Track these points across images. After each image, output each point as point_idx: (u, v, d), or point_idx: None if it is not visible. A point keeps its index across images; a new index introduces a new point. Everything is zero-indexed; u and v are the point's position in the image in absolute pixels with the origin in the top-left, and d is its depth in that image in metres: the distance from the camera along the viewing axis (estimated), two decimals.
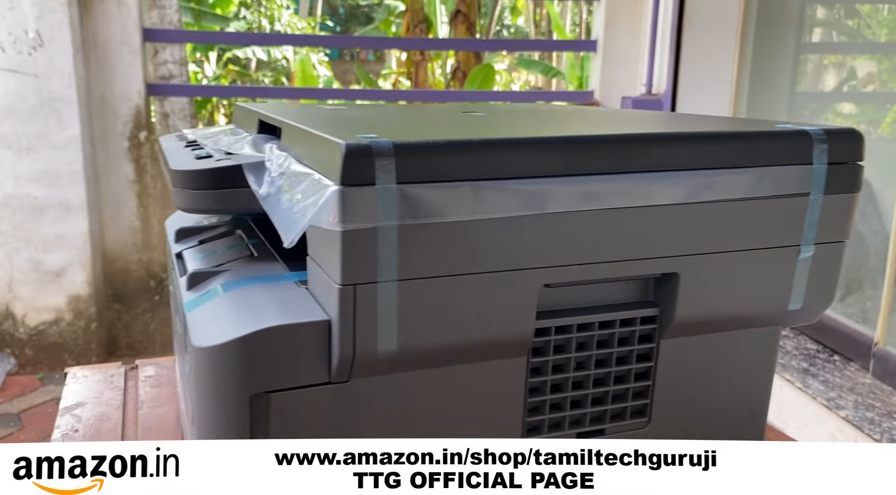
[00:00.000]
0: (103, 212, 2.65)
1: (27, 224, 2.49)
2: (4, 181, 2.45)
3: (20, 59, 2.38)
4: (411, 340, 0.40)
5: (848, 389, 1.86)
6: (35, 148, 2.44)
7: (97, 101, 2.58)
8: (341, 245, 0.37)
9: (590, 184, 0.41)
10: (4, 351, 2.61)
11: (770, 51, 2.57)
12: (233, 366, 0.38)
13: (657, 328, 0.47)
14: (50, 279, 2.57)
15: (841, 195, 0.47)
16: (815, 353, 2.09)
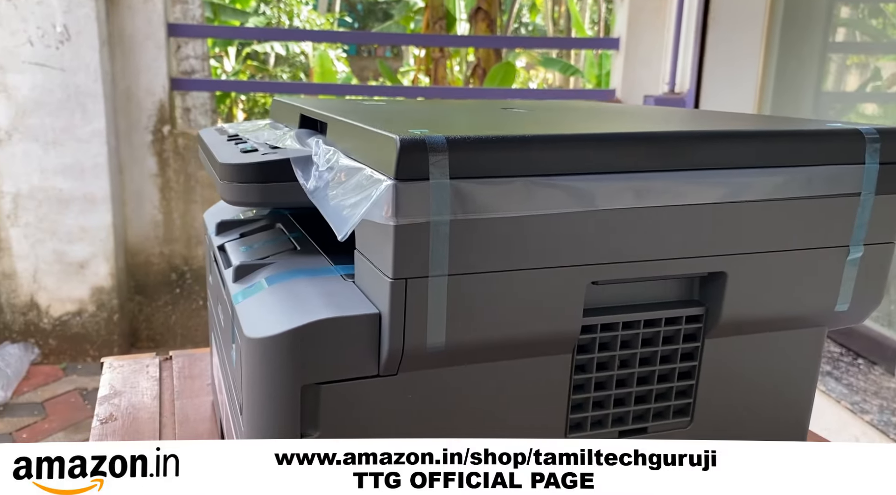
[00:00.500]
0: (126, 206, 2.68)
1: (52, 216, 2.52)
2: (31, 173, 2.48)
3: (48, 53, 2.40)
4: (460, 335, 0.40)
5: (873, 393, 1.84)
6: (61, 141, 2.47)
7: (122, 95, 2.61)
8: (394, 239, 0.37)
9: (639, 181, 0.41)
10: (29, 341, 2.64)
11: (796, 50, 2.55)
12: (285, 357, 0.39)
13: (702, 327, 0.47)
14: (74, 270, 2.60)
15: (892, 195, 0.47)
16: (839, 357, 2.07)
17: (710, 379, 0.48)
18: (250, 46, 8.81)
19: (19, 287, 2.59)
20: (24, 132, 2.45)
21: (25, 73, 2.40)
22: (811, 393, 0.52)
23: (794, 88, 2.58)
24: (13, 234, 2.53)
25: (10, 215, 2.52)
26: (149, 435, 0.63)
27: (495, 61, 4.18)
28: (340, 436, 0.41)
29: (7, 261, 2.56)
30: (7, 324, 2.62)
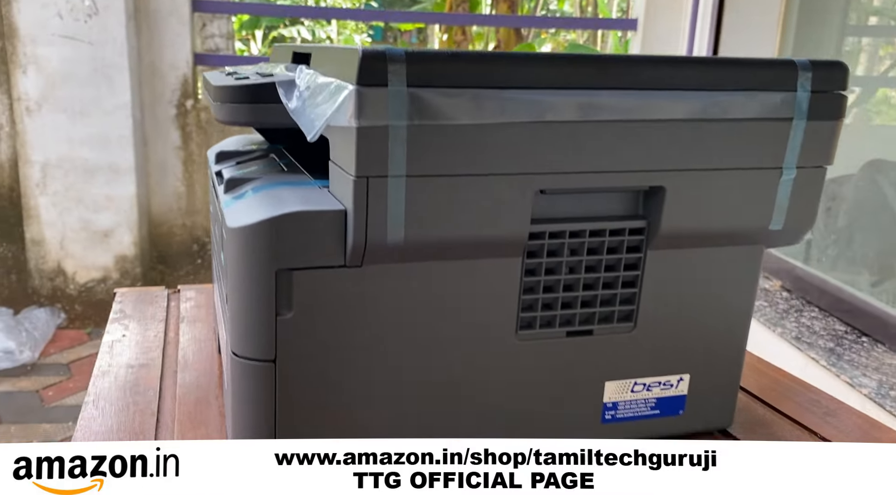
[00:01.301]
0: (150, 177, 2.76)
1: (79, 185, 2.61)
2: (59, 143, 2.57)
3: (76, 27, 2.49)
4: (417, 232, 0.46)
5: (873, 369, 1.86)
6: (88, 112, 2.55)
7: (147, 69, 2.69)
8: (356, 140, 0.43)
9: (583, 96, 0.46)
10: (56, 305, 2.75)
11: (813, 33, 2.55)
12: (260, 244, 0.44)
13: (644, 239, 0.52)
14: (99, 239, 2.69)
15: (824, 122, 0.51)
16: (843, 334, 2.09)
17: (652, 288, 0.53)
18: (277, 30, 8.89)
19: (47, 253, 2.69)
20: (53, 103, 2.53)
21: (54, 46, 2.49)
22: (749, 309, 0.56)
23: None
24: (42, 202, 2.63)
25: (39, 184, 2.62)
26: (155, 352, 0.69)
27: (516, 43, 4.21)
28: (312, 320, 0.47)
29: (36, 227, 2.66)
30: (35, 289, 2.72)
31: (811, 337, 2.07)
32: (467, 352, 0.50)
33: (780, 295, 2.44)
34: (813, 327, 2.15)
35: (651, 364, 0.55)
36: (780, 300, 2.39)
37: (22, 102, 2.54)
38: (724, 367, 0.57)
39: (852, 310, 2.15)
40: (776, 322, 2.18)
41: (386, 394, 0.50)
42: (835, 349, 1.99)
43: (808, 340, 2.04)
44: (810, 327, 2.15)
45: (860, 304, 2.12)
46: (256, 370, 0.46)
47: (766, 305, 2.33)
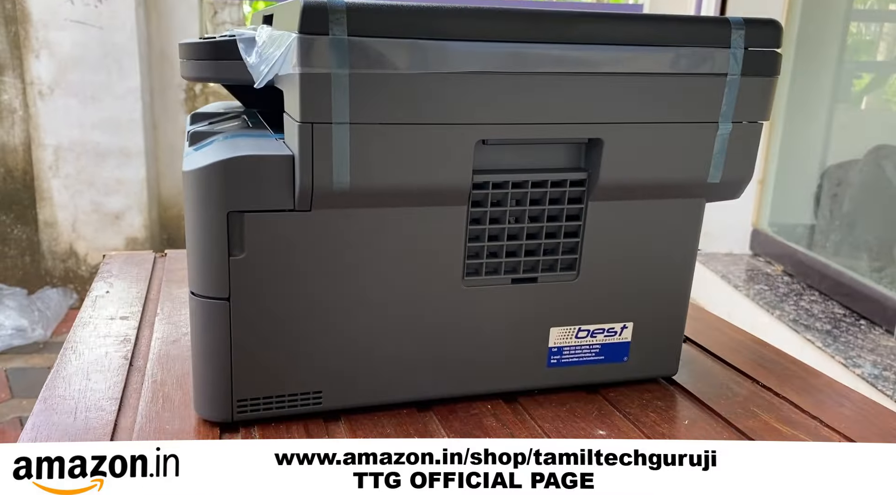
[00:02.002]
0: (160, 160, 2.81)
1: (90, 168, 2.67)
2: (71, 127, 2.62)
3: (87, 12, 2.53)
4: (362, 178, 0.48)
5: (869, 350, 1.87)
6: (98, 96, 2.61)
7: (156, 54, 2.73)
8: (300, 87, 0.45)
9: (520, 48, 0.48)
10: (68, 286, 2.81)
11: (818, 17, 2.54)
12: (212, 186, 0.47)
13: (585, 191, 0.54)
14: (110, 221, 2.75)
15: (758, 78, 0.53)
16: (842, 317, 2.09)
17: (594, 238, 0.55)
18: None
19: (60, 235, 2.75)
20: (65, 87, 2.59)
21: (66, 31, 2.54)
22: (691, 261, 0.58)
23: (816, 56, 2.57)
24: (54, 185, 2.69)
25: (52, 166, 2.67)
26: (135, 307, 0.73)
27: None
28: (264, 261, 0.49)
29: (49, 210, 2.72)
30: (48, 270, 2.79)
31: (809, 319, 2.08)
32: (415, 297, 0.53)
33: (782, 279, 2.44)
34: (812, 310, 2.15)
35: (595, 311, 0.57)
36: (780, 284, 2.39)
37: (35, 86, 2.59)
38: (668, 316, 0.59)
39: (852, 293, 2.15)
40: (775, 305, 2.19)
41: (335, 336, 0.52)
42: (832, 331, 2.00)
43: (805, 323, 2.05)
44: (809, 310, 2.15)
45: (860, 288, 2.13)
46: (212, 307, 0.49)
47: (767, 289, 2.34)
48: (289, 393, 0.52)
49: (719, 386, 0.61)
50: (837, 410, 0.58)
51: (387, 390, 0.55)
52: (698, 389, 0.60)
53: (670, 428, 0.54)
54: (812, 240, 2.64)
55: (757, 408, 0.57)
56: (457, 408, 0.56)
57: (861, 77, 2.70)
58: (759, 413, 0.57)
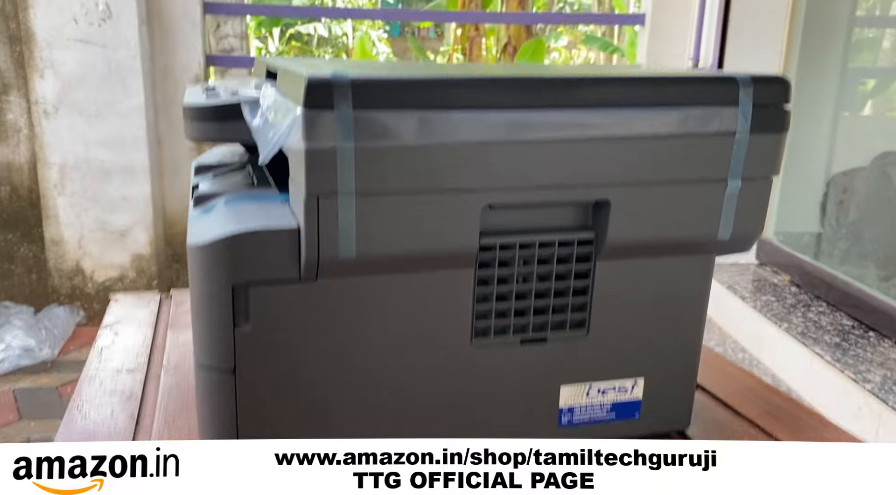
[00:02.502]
0: (164, 177, 2.81)
1: (95, 185, 2.67)
2: (76, 145, 2.63)
3: (90, 30, 2.54)
4: (368, 247, 0.48)
5: (878, 364, 1.86)
6: (103, 114, 2.61)
7: (160, 71, 2.74)
8: (306, 161, 0.45)
9: (525, 116, 0.48)
10: (75, 304, 2.82)
11: (821, 25, 2.52)
12: (218, 261, 0.47)
13: (593, 250, 0.54)
14: (115, 238, 2.75)
15: (767, 135, 0.52)
16: (850, 329, 2.08)
17: (604, 296, 0.55)
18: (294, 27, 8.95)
19: (66, 253, 2.76)
20: (69, 106, 2.59)
21: (70, 50, 2.54)
22: (702, 314, 0.58)
23: (820, 64, 2.56)
24: (60, 203, 2.69)
25: (58, 185, 2.68)
26: (142, 358, 0.73)
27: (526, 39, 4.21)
28: (269, 332, 0.49)
29: (55, 228, 2.72)
30: (55, 288, 2.79)
31: (817, 332, 2.06)
32: (423, 362, 0.53)
33: (789, 290, 2.43)
34: (820, 322, 2.14)
35: (606, 369, 0.57)
36: (788, 295, 2.38)
37: (39, 105, 2.60)
38: (679, 371, 0.59)
39: (860, 304, 2.14)
40: (783, 317, 2.18)
41: (344, 404, 0.52)
42: (840, 344, 1.98)
43: (813, 336, 2.04)
44: (817, 322, 2.14)
45: (868, 299, 2.11)
46: (217, 379, 0.49)
47: (774, 300, 2.33)
48: None
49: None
50: None
51: None
52: None
53: None
54: (819, 249, 2.63)
55: None
56: None
57: (865, 83, 2.69)
58: None
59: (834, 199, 2.58)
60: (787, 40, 2.53)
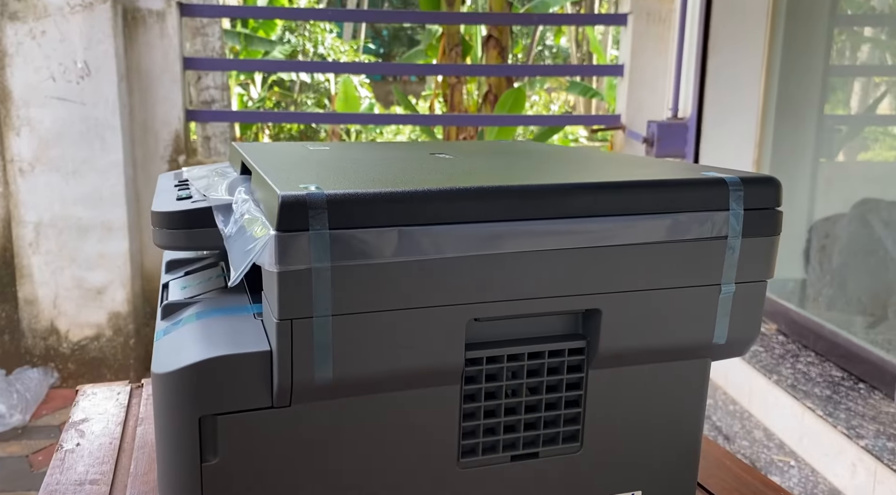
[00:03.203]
0: (143, 233, 2.77)
1: (72, 243, 2.63)
2: (52, 202, 2.59)
3: (69, 88, 2.52)
4: (346, 370, 0.45)
5: (871, 418, 1.83)
6: (81, 171, 2.58)
7: (139, 127, 2.72)
8: (278, 284, 0.42)
9: (508, 228, 0.45)
10: (49, 365, 2.74)
11: (797, 73, 2.56)
12: (182, 391, 0.43)
13: (585, 359, 0.51)
14: (92, 296, 2.69)
15: (759, 238, 0.51)
16: (840, 381, 2.06)
17: (597, 407, 0.52)
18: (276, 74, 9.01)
19: (40, 312, 2.69)
20: (46, 163, 2.56)
21: (47, 107, 2.52)
22: (699, 421, 0.55)
23: (797, 112, 2.60)
24: (35, 262, 2.64)
25: (32, 243, 2.63)
26: (107, 465, 0.68)
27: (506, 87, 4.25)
28: (240, 464, 0.46)
29: (29, 287, 2.66)
30: (28, 349, 2.72)
31: (807, 384, 2.04)
32: (408, 486, 0.49)
33: (777, 339, 2.42)
34: (809, 373, 2.12)
35: (601, 482, 0.54)
36: (776, 344, 2.36)
37: (15, 164, 2.56)
38: (678, 480, 0.56)
39: (848, 355, 2.12)
40: (772, 368, 2.16)
41: None
42: (832, 397, 1.96)
43: (804, 388, 2.02)
44: (806, 374, 2.12)
45: (857, 350, 2.10)
46: None
47: (762, 350, 2.31)
48: None
49: None
50: None
51: None
52: None
53: None
54: (804, 295, 2.63)
55: None
56: None
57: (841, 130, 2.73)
58: None
59: (816, 246, 2.59)
60: (765, 89, 2.57)
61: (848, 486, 1.75)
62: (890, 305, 2.25)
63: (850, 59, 2.67)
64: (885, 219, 2.38)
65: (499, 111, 3.75)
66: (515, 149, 0.73)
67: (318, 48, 9.08)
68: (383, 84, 11.29)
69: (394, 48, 12.94)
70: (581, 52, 11.62)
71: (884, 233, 2.35)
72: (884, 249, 2.35)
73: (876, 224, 2.40)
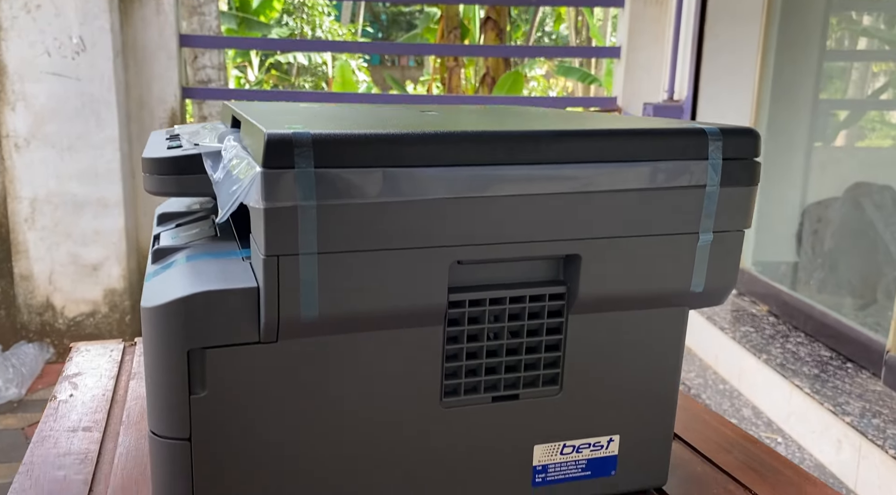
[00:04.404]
0: (138, 209, 2.78)
1: (67, 219, 2.63)
2: (48, 179, 2.59)
3: (64, 64, 2.52)
4: (331, 307, 0.46)
5: (857, 396, 1.86)
6: (76, 147, 2.58)
7: (135, 104, 2.72)
8: (265, 221, 0.43)
9: (490, 172, 0.47)
10: (44, 340, 2.75)
11: (793, 57, 2.57)
12: (171, 324, 0.45)
13: (565, 304, 0.52)
14: (87, 272, 2.70)
15: (737, 188, 0.52)
16: (828, 360, 2.08)
17: (576, 352, 0.53)
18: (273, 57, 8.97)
19: (36, 288, 2.70)
20: (41, 139, 2.56)
21: (43, 83, 2.52)
22: (677, 368, 0.57)
23: (791, 95, 2.60)
24: (30, 238, 2.64)
25: (28, 219, 2.63)
26: (100, 414, 0.70)
27: (504, 70, 4.24)
28: (227, 397, 0.47)
29: (24, 263, 2.67)
30: (24, 324, 2.73)
31: (796, 364, 2.06)
32: (392, 423, 0.51)
33: (767, 320, 2.44)
34: (798, 353, 2.14)
35: (580, 426, 0.55)
36: (766, 325, 2.38)
37: (10, 139, 2.56)
38: (655, 427, 0.57)
39: (837, 335, 2.15)
40: (762, 348, 2.18)
41: (309, 469, 0.50)
42: (819, 375, 1.99)
43: (792, 367, 2.04)
44: (795, 353, 2.14)
45: (845, 330, 2.12)
46: (172, 448, 0.47)
47: (753, 331, 2.33)
48: None
49: None
50: None
51: None
52: None
53: None
54: (796, 278, 2.65)
55: None
56: None
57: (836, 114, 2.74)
58: None
59: (809, 229, 2.61)
60: (760, 72, 2.57)
61: (833, 462, 1.78)
62: (879, 287, 2.27)
63: (846, 45, 2.67)
64: (877, 202, 2.39)
65: (497, 92, 3.74)
66: (504, 110, 0.74)
67: (315, 31, 9.04)
68: (381, 68, 11.25)
69: (392, 32, 12.87)
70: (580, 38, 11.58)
71: (876, 216, 2.37)
72: (875, 232, 2.37)
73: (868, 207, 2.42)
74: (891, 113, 2.52)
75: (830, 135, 2.71)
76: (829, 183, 2.61)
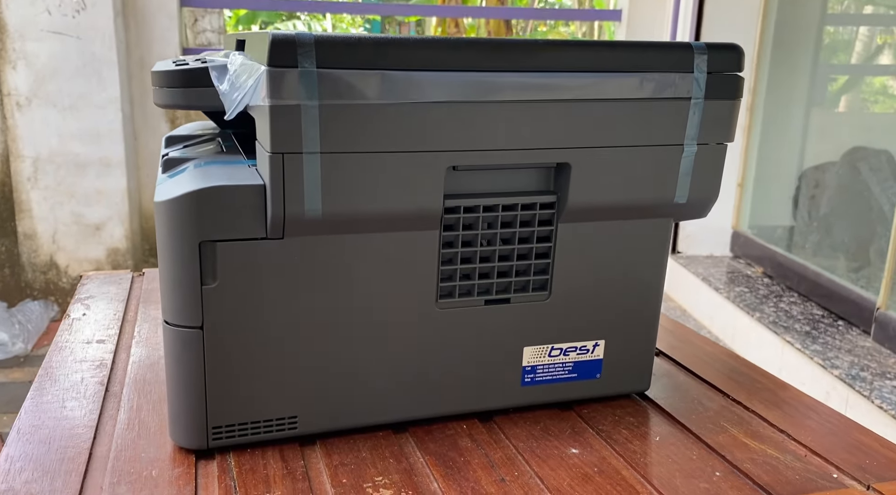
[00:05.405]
0: (140, 170, 2.79)
1: (70, 179, 2.65)
2: (50, 137, 2.60)
3: (65, 22, 2.52)
4: (334, 206, 0.49)
5: (846, 351, 1.90)
6: (78, 106, 2.59)
7: (136, 64, 2.72)
8: (270, 118, 0.46)
9: (486, 78, 0.49)
10: (49, 298, 2.79)
11: (793, 22, 2.57)
12: (184, 216, 0.48)
13: (555, 213, 0.55)
14: (91, 232, 2.73)
15: (721, 101, 0.54)
16: (820, 318, 2.12)
17: (565, 259, 0.56)
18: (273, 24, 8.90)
19: (39, 247, 2.73)
20: (43, 97, 2.57)
21: (44, 41, 2.52)
22: (661, 278, 0.60)
23: (792, 60, 2.61)
24: (34, 197, 2.67)
25: (31, 178, 2.65)
26: (112, 329, 0.73)
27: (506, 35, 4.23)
28: (236, 289, 0.50)
29: (28, 222, 2.69)
30: (28, 283, 2.76)
31: (788, 321, 2.10)
32: (389, 320, 0.54)
33: (761, 281, 2.47)
34: (791, 312, 2.18)
35: (567, 330, 0.58)
36: (760, 286, 2.42)
37: (12, 97, 2.57)
38: (639, 334, 0.60)
39: (830, 294, 2.18)
40: (755, 307, 2.22)
41: (310, 362, 0.53)
42: (811, 332, 2.02)
43: (784, 324, 2.07)
44: (788, 312, 2.18)
45: (837, 289, 2.16)
46: (185, 336, 0.50)
47: (747, 291, 2.37)
48: (264, 419, 0.53)
49: (691, 401, 0.62)
50: (805, 423, 0.59)
51: (363, 413, 0.55)
52: (670, 405, 0.61)
53: (641, 445, 0.55)
54: (791, 242, 2.68)
55: (727, 423, 0.58)
56: (433, 429, 0.56)
57: (836, 80, 2.74)
58: (728, 428, 0.58)
59: (806, 193, 2.63)
60: (760, 37, 2.57)
61: None
62: (872, 248, 2.30)
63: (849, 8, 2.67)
64: (873, 166, 2.41)
65: None
66: None
67: None
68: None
69: None
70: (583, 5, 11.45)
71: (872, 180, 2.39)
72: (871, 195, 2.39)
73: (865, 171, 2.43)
74: (891, 79, 2.52)
75: (830, 100, 2.72)
76: (827, 147, 2.62)
